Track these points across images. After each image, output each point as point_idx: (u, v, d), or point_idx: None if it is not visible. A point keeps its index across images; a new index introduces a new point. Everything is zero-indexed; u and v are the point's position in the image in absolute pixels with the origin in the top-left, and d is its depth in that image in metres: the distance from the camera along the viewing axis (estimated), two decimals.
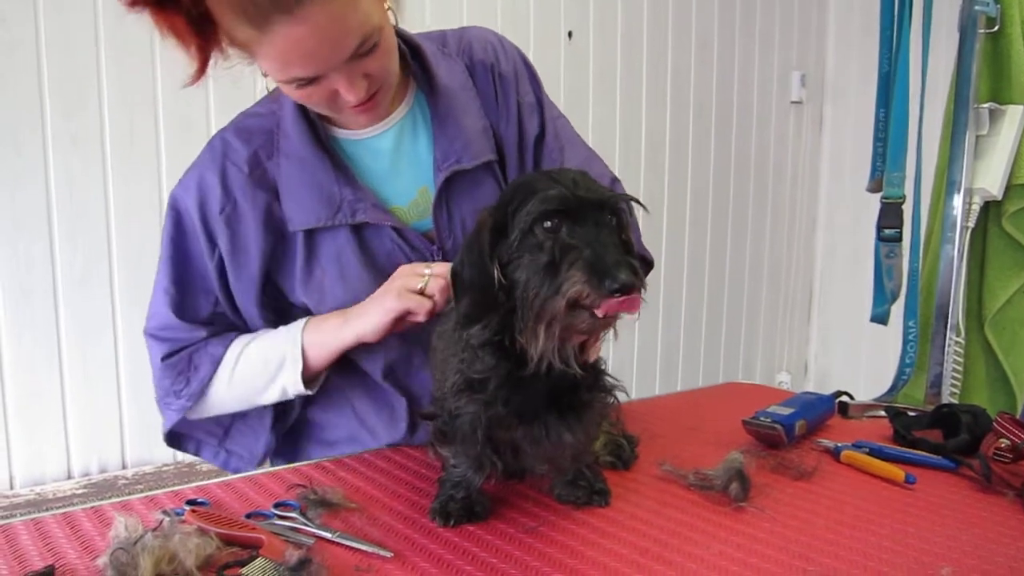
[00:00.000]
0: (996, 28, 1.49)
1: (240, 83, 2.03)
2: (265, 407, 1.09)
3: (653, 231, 2.87)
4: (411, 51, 1.06)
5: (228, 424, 1.12)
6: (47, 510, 0.84)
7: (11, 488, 1.81)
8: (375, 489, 0.91)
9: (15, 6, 1.73)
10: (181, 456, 2.02)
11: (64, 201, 1.82)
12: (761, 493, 0.88)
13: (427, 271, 0.95)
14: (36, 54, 1.76)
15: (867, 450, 1.02)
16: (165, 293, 1.04)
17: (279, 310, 1.06)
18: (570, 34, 2.58)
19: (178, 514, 0.77)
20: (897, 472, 0.94)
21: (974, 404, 1.11)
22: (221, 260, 1.02)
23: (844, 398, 1.24)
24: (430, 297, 0.94)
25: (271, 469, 0.98)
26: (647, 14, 2.76)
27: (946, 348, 1.43)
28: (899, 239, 1.45)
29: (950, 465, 0.99)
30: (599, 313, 0.69)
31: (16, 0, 1.73)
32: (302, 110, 1.02)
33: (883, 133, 1.48)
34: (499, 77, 1.10)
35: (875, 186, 1.51)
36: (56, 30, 1.77)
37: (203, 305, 1.05)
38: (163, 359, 1.04)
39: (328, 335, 1.00)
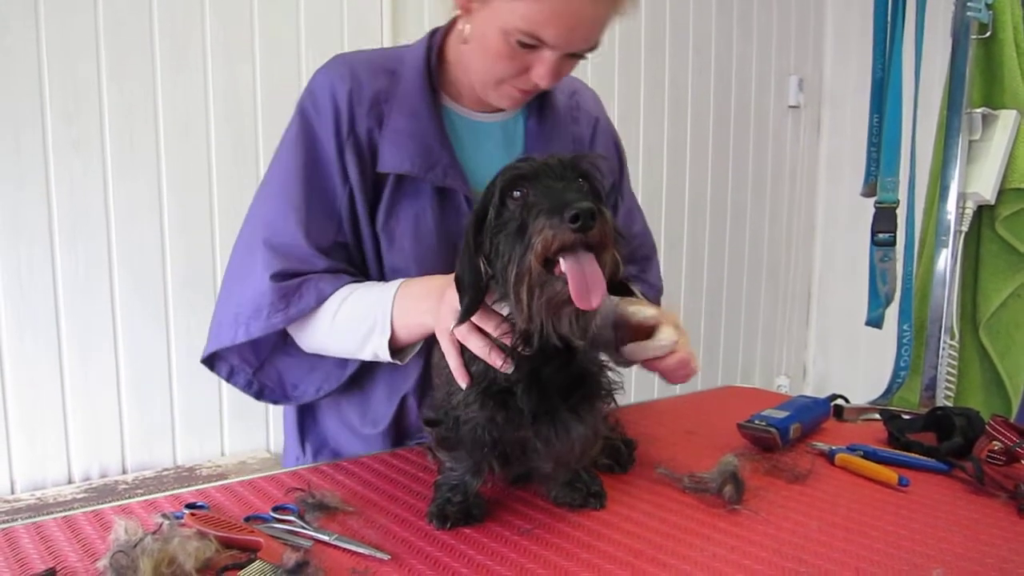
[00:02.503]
0: (988, 33, 1.50)
1: (239, 95, 2.04)
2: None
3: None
4: None
5: (265, 356, 1.11)
6: (48, 514, 0.85)
7: (12, 492, 1.82)
8: (372, 492, 0.92)
9: (16, 11, 1.74)
10: (181, 460, 2.02)
11: (65, 205, 1.83)
12: (755, 496, 0.89)
13: None
14: (37, 58, 1.77)
15: (861, 453, 1.03)
16: (295, 211, 1.02)
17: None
18: None
19: (177, 517, 0.78)
20: (890, 475, 0.95)
21: (968, 407, 1.12)
22: (351, 190, 1.03)
23: (839, 401, 1.25)
24: None
25: (269, 473, 0.98)
26: (645, 20, 2.77)
27: (940, 351, 1.44)
28: (893, 243, 1.46)
29: (943, 467, 0.99)
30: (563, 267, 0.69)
31: (17, 4, 1.74)
32: (427, 73, 1.05)
33: (877, 138, 1.50)
34: (598, 126, 1.20)
35: (869, 191, 1.52)
36: (57, 34, 1.79)
37: (328, 229, 1.03)
38: (273, 277, 1.00)
39: (415, 321, 0.96)
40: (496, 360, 0.78)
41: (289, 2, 2.09)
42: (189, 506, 0.83)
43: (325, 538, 0.77)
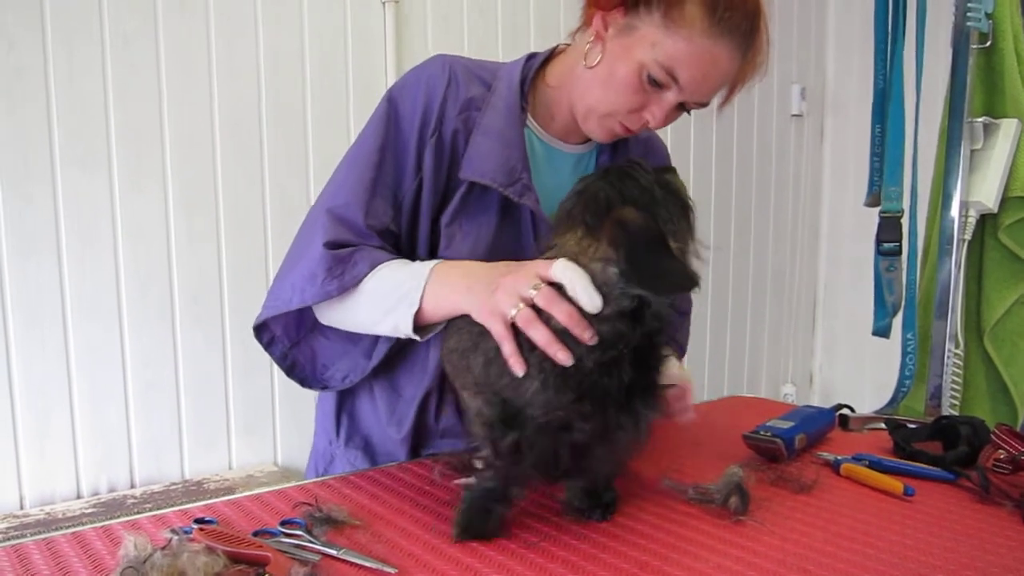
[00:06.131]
0: (989, 43, 1.51)
1: (244, 112, 2.06)
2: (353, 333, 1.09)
3: None
4: None
5: (304, 334, 1.12)
6: (57, 529, 0.85)
7: (21, 508, 1.83)
8: (379, 506, 0.92)
9: (23, 29, 1.76)
10: (189, 474, 2.03)
11: (72, 222, 1.85)
12: (760, 507, 0.89)
13: (532, 292, 0.82)
14: (44, 79, 1.80)
15: (866, 463, 1.03)
16: (364, 190, 1.04)
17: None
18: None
19: (186, 532, 0.78)
20: (896, 484, 0.95)
21: (973, 416, 1.12)
22: (421, 182, 1.05)
23: (844, 411, 1.25)
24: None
25: (277, 487, 0.99)
26: None
27: (945, 360, 1.44)
28: (898, 253, 1.46)
29: (949, 477, 1.00)
30: None
31: (25, 25, 1.77)
32: (520, 93, 1.08)
33: (880, 148, 1.50)
34: None
35: (873, 200, 1.52)
36: (63, 52, 1.81)
37: (385, 214, 1.05)
38: (326, 244, 1.01)
39: (448, 299, 0.95)
40: (559, 354, 0.77)
41: (293, 20, 2.11)
42: (198, 521, 0.83)
43: (332, 552, 0.77)
